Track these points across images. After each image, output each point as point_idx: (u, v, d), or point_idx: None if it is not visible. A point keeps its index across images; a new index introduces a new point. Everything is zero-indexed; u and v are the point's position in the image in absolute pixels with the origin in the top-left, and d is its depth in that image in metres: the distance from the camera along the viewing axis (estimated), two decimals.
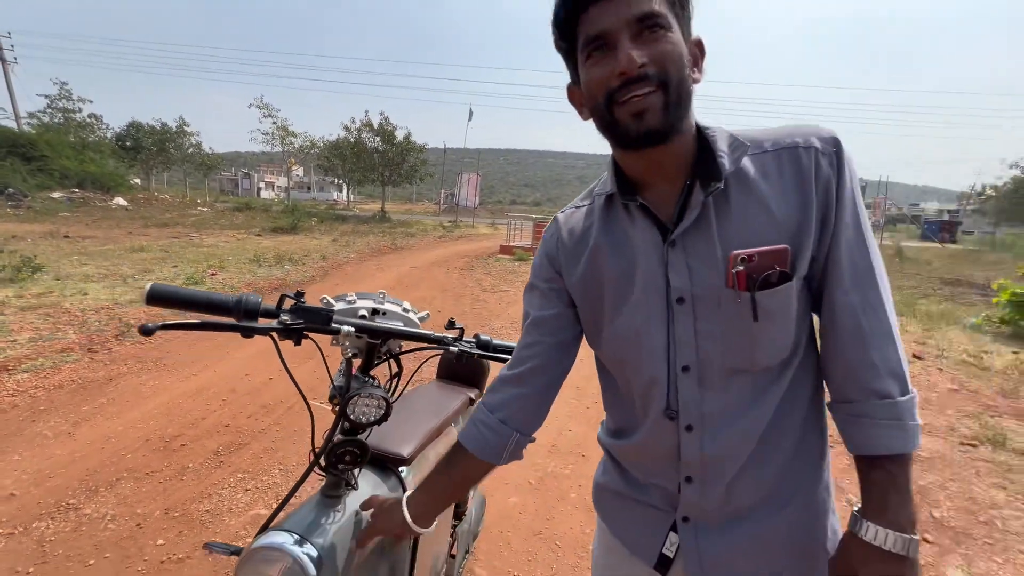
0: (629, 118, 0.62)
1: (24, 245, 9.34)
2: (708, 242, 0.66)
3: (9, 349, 4.05)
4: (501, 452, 0.80)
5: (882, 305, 0.66)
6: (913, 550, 0.62)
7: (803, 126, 0.68)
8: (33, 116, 27.34)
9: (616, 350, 0.76)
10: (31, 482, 2.37)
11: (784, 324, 0.67)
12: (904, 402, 0.64)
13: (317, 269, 9.15)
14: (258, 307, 0.78)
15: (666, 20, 0.62)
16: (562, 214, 0.82)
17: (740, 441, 0.69)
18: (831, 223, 0.66)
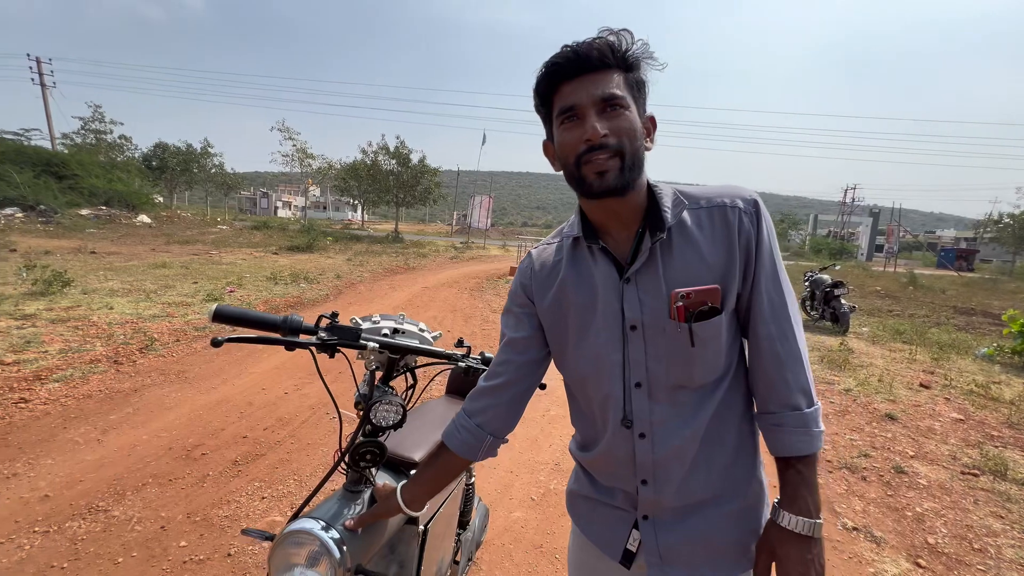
0: (593, 176, 0.77)
1: (54, 260, 9.73)
2: (655, 280, 0.81)
3: (41, 360, 4.27)
4: (477, 451, 0.94)
5: (793, 334, 0.81)
6: (817, 531, 0.78)
7: (732, 187, 0.85)
8: (67, 137, 28.62)
9: (579, 369, 0.89)
10: (64, 485, 2.52)
11: (715, 349, 0.82)
12: (810, 412, 0.80)
13: (331, 288, 9.38)
14: (300, 325, 0.94)
15: (625, 101, 0.77)
16: (535, 250, 0.96)
17: (685, 445, 0.83)
18: (752, 268, 0.82)
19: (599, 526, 0.96)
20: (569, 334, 0.90)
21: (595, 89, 0.76)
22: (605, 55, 0.76)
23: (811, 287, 8.99)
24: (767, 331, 0.81)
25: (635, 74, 0.80)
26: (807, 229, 55.01)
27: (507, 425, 0.96)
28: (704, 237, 0.81)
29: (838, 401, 4.48)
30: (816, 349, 6.60)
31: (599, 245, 0.85)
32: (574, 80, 0.76)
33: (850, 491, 2.88)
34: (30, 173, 19.29)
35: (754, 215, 0.81)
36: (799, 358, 0.81)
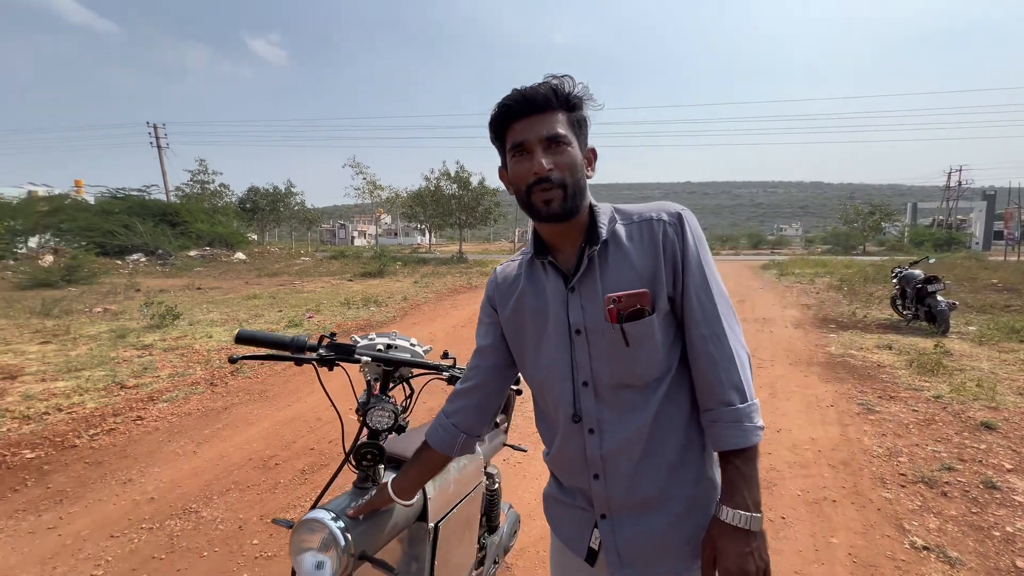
0: (541, 203, 0.87)
1: (168, 297, 11.21)
2: (594, 288, 0.90)
3: (155, 383, 4.98)
4: (453, 447, 1.06)
5: (725, 335, 0.87)
6: (755, 524, 0.82)
7: (661, 204, 0.94)
8: (178, 189, 32.92)
9: (537, 373, 0.98)
10: (166, 489, 2.95)
11: (650, 348, 0.88)
12: (743, 408, 0.85)
13: (398, 310, 9.95)
14: (304, 344, 1.12)
15: (567, 139, 0.87)
16: (500, 267, 1.07)
17: (630, 441, 0.90)
18: (680, 274, 0.89)
19: (566, 527, 1.03)
20: (527, 341, 0.99)
21: (541, 128, 0.86)
22: (549, 98, 0.86)
23: (901, 284, 8.16)
24: (699, 333, 0.88)
25: (577, 113, 0.90)
26: (904, 219, 49.54)
27: (479, 424, 1.07)
28: (634, 247, 0.90)
29: (922, 409, 4.05)
30: (904, 352, 5.98)
31: (548, 260, 0.95)
32: (523, 119, 0.87)
33: (925, 507, 2.62)
34: (151, 223, 22.38)
35: (678, 226, 0.90)
36: (731, 357, 0.86)
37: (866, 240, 40.04)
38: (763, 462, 3.21)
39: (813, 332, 7.50)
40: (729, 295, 0.92)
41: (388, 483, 1.10)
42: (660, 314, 0.88)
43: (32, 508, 2.77)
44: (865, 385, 4.79)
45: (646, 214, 0.92)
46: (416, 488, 1.12)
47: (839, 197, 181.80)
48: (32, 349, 6.41)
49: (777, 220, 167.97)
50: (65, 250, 18.69)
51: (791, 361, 5.77)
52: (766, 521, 2.50)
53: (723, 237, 70.85)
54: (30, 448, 3.50)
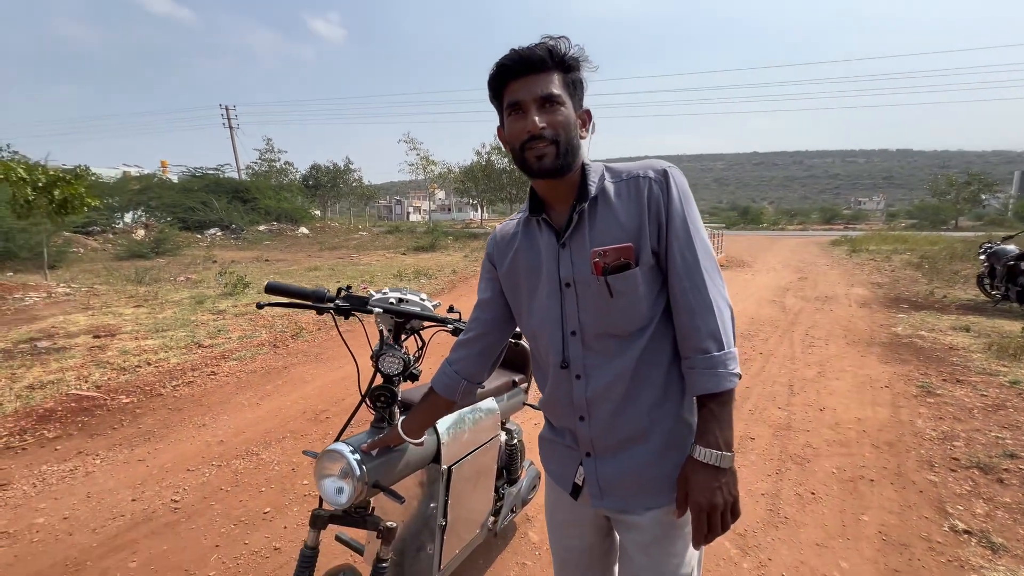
0: (534, 159, 0.91)
1: (239, 268, 12.16)
2: (583, 243, 0.95)
3: (227, 344, 5.51)
4: (455, 392, 1.15)
5: (705, 287, 0.91)
6: (725, 462, 0.88)
7: (649, 162, 0.97)
8: (248, 167, 35.10)
9: (532, 323, 1.05)
10: (232, 434, 3.33)
11: (633, 299, 0.93)
12: (719, 355, 0.89)
13: (447, 282, 10.25)
14: (324, 295, 1.26)
15: (562, 99, 0.90)
16: (500, 225, 1.14)
17: (612, 385, 0.96)
18: (664, 228, 0.93)
19: (555, 464, 1.12)
20: (523, 294, 1.06)
21: (536, 88, 0.89)
22: (545, 59, 0.89)
23: (989, 261, 7.38)
24: (681, 285, 0.92)
25: (572, 75, 0.93)
26: (1009, 191, 43.93)
27: (479, 372, 1.15)
28: (621, 204, 0.94)
29: (993, 395, 3.73)
30: (984, 335, 5.47)
31: (542, 217, 1.00)
32: (520, 79, 0.90)
33: (975, 492, 2.46)
34: (225, 199, 24.12)
35: (663, 183, 0.93)
36: (710, 307, 0.90)
37: (960, 214, 36.03)
38: (800, 439, 3.12)
39: (880, 312, 7.00)
40: (790, 271, 0.95)
41: (398, 423, 1.23)
42: (644, 267, 0.92)
43: (127, 443, 3.22)
44: (930, 368, 4.46)
45: (634, 171, 0.95)
46: (423, 429, 1.23)
47: (931, 166, 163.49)
48: (128, 312, 7.25)
49: (856, 193, 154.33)
50: (154, 225, 20.64)
51: (849, 341, 5.44)
52: (793, 494, 2.48)
53: (791, 211, 66.13)
54: (125, 394, 4.03)
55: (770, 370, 4.49)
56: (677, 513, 0.93)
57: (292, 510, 2.46)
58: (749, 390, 3.98)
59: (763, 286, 9.58)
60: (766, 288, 9.33)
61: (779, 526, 2.26)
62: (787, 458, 2.88)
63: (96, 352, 5.19)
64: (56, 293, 8.83)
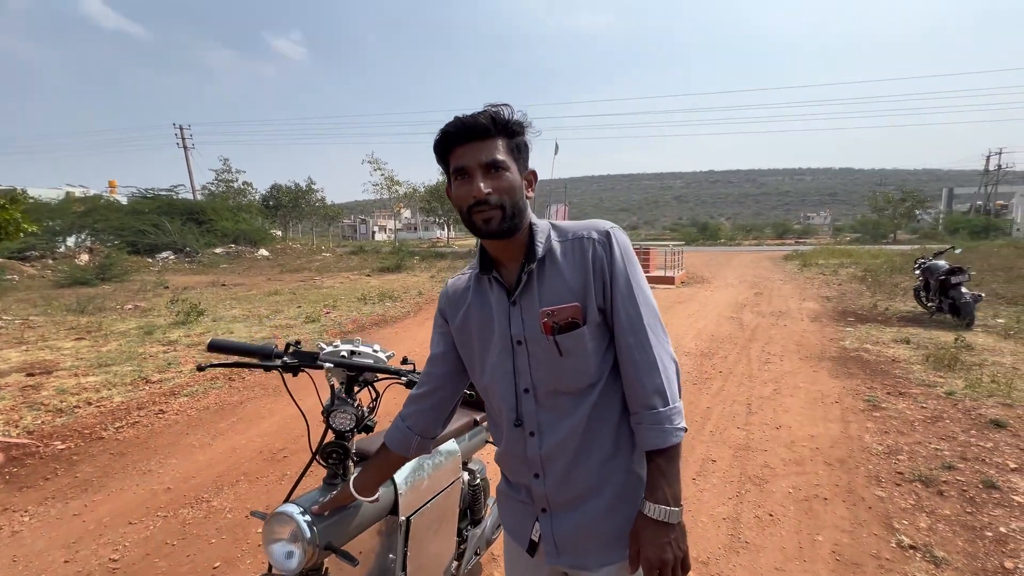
0: (481, 222, 0.93)
1: (193, 294, 11.64)
2: (532, 302, 0.97)
3: (177, 378, 5.23)
4: (408, 448, 1.13)
5: (648, 343, 0.94)
6: (674, 517, 0.89)
7: (592, 222, 1.00)
8: (204, 188, 33.93)
9: (484, 379, 1.05)
10: (181, 480, 3.13)
11: (582, 357, 0.95)
12: (664, 411, 0.92)
13: (413, 305, 10.11)
14: (271, 351, 1.21)
15: (507, 164, 0.93)
16: (451, 280, 1.14)
17: (566, 442, 0.97)
18: (608, 286, 0.96)
19: (511, 519, 1.11)
20: (475, 350, 1.06)
21: (480, 155, 0.91)
22: (488, 126, 0.91)
23: (924, 275, 7.91)
24: (626, 341, 0.94)
25: (516, 139, 0.95)
26: (939, 206, 47.56)
27: (433, 427, 1.14)
28: (567, 264, 0.96)
29: (932, 406, 3.97)
30: (922, 347, 5.84)
31: (493, 276, 1.01)
32: (464, 145, 0.92)
33: (919, 506, 2.59)
34: (178, 221, 23.18)
35: (606, 244, 0.96)
36: (655, 364, 0.93)
37: (897, 228, 38.63)
38: (758, 459, 3.22)
39: (830, 326, 7.36)
40: (746, 287, 0.98)
41: (350, 481, 1.19)
42: (591, 325, 0.94)
43: (60, 496, 2.98)
44: (875, 381, 4.71)
45: (578, 232, 0.98)
46: (376, 486, 1.20)
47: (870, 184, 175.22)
48: (67, 345, 6.79)
49: (804, 208, 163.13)
50: (99, 249, 19.53)
51: (802, 356, 5.69)
52: (753, 517, 2.54)
53: (746, 227, 69.30)
54: (61, 440, 3.75)
55: (729, 389, 4.62)
56: (630, 569, 0.93)
57: (244, 562, 2.32)
58: (710, 410, 4.09)
59: (721, 302, 9.92)
60: (724, 304, 9.67)
61: (740, 551, 2.30)
62: (746, 479, 2.96)
63: (29, 392, 4.82)
64: None
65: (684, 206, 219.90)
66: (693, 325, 7.69)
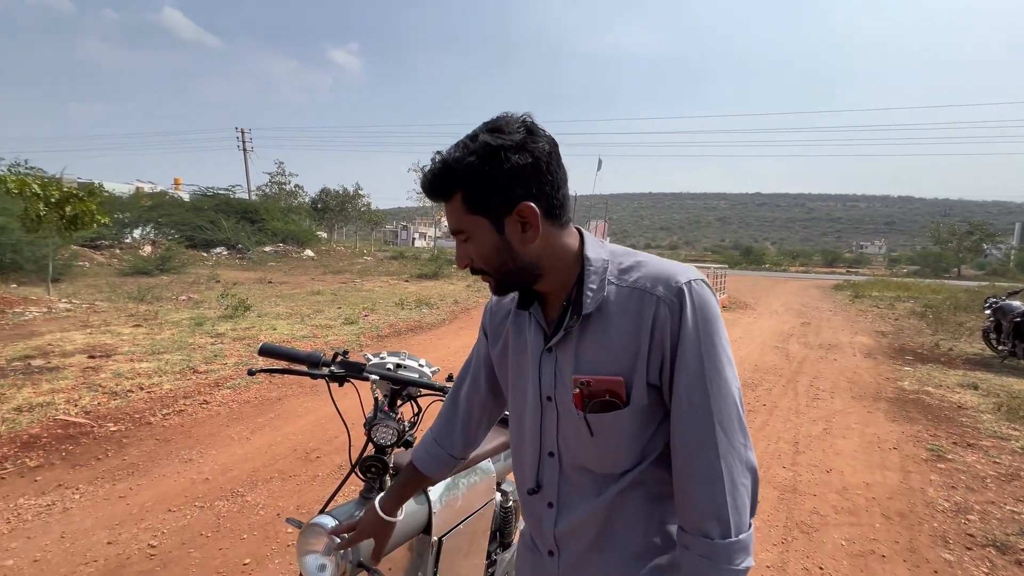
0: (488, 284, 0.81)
1: (242, 289, 12.17)
2: (569, 358, 0.78)
3: (222, 370, 5.44)
4: (435, 469, 1.05)
5: (715, 447, 0.71)
6: None
7: (667, 269, 0.76)
8: (259, 189, 35.70)
9: (514, 420, 0.92)
10: (219, 471, 3.22)
11: (618, 443, 0.77)
12: (722, 545, 0.70)
13: (448, 313, 10.20)
14: (319, 360, 1.21)
15: (467, 230, 0.75)
16: (493, 299, 0.98)
17: (584, 525, 0.81)
18: (668, 362, 0.73)
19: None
20: (509, 383, 0.93)
21: (450, 218, 0.76)
22: (438, 189, 0.75)
23: (995, 316, 7.33)
24: (683, 439, 0.73)
25: (480, 184, 0.72)
26: (1012, 241, 44.18)
27: (465, 448, 1.07)
28: (619, 320, 0.75)
29: (1007, 462, 3.61)
30: (993, 394, 5.36)
31: (531, 312, 0.85)
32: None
33: (994, 575, 2.34)
34: (233, 219, 24.41)
35: (676, 305, 0.72)
36: (718, 476, 0.70)
37: (961, 263, 36.12)
38: (806, 504, 3.00)
39: (885, 363, 6.89)
40: (792, 315, 0.80)
41: (376, 501, 1.14)
42: (635, 408, 0.75)
43: (109, 477, 3.12)
44: (939, 428, 4.34)
45: (642, 282, 0.75)
46: (400, 504, 1.12)
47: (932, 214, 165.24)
48: (126, 331, 7.21)
49: (857, 237, 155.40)
50: (161, 241, 20.81)
51: (854, 395, 5.33)
52: (801, 568, 2.37)
53: (793, 252, 66.62)
54: (114, 422, 3.94)
55: (774, 424, 4.37)
56: None
57: (273, 562, 2.34)
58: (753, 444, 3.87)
59: (766, 330, 9.50)
60: (769, 332, 9.25)
61: None
62: (793, 525, 2.76)
63: (89, 374, 5.12)
64: (57, 308, 8.81)
65: (727, 228, 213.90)
66: (735, 353, 7.36)
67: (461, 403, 1.04)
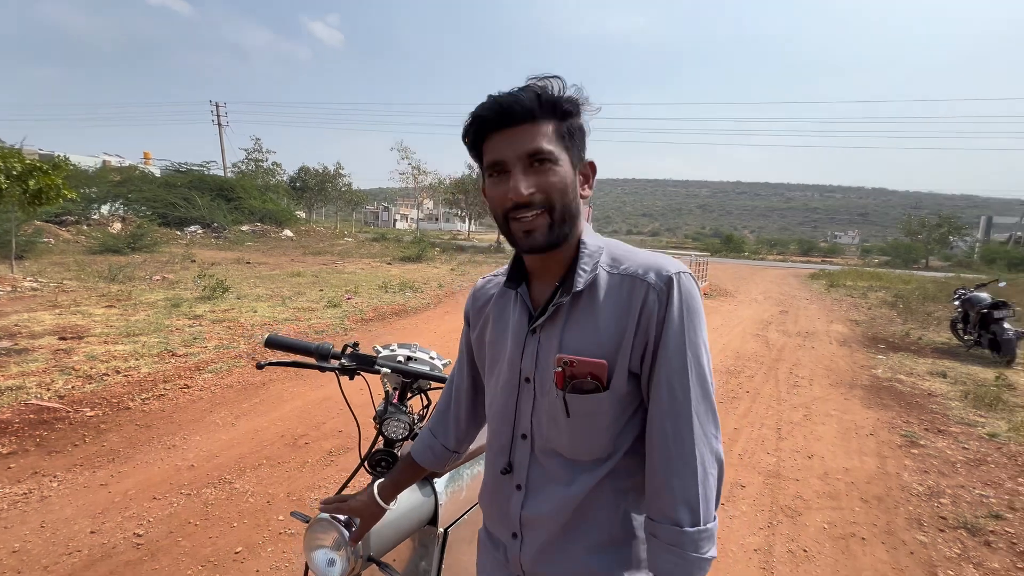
0: (521, 233, 0.74)
1: (219, 270, 11.83)
2: (553, 339, 0.78)
3: (202, 353, 5.30)
4: (433, 462, 1.03)
5: (691, 436, 0.72)
6: None
7: (657, 259, 0.77)
8: (235, 166, 34.52)
9: (489, 402, 0.91)
10: (204, 458, 3.15)
11: (594, 427, 0.76)
12: (691, 532, 0.70)
13: (433, 297, 10.11)
14: (329, 352, 1.17)
15: (555, 155, 0.73)
16: (480, 280, 0.98)
17: (553, 512, 0.80)
18: (651, 350, 0.74)
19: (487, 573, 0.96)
20: (484, 370, 0.92)
21: (520, 144, 0.72)
22: (531, 107, 0.72)
23: (963, 307, 7.62)
24: (661, 427, 0.73)
25: (569, 122, 0.75)
26: (977, 234, 45.92)
27: (461, 441, 1.05)
28: (608, 305, 0.76)
29: (974, 448, 3.78)
30: (960, 382, 5.60)
31: (517, 291, 0.85)
32: (501, 132, 0.73)
33: (964, 556, 2.46)
34: (208, 197, 23.60)
35: (664, 292, 0.73)
36: (692, 466, 0.71)
37: (930, 254, 37.42)
38: (790, 488, 3.10)
39: (860, 352, 7.13)
40: (771, 303, 0.80)
41: (375, 486, 1.08)
42: (614, 393, 0.75)
43: (88, 464, 3.02)
44: (911, 415, 4.52)
45: (634, 268, 0.76)
46: (396, 493, 1.09)
47: (903, 206, 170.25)
48: (98, 312, 6.94)
49: (832, 227, 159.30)
50: (132, 218, 20.02)
51: (831, 382, 5.50)
52: (786, 551, 2.44)
53: (771, 241, 67.99)
54: (90, 407, 3.81)
55: (757, 411, 4.49)
56: None
57: (266, 550, 2.31)
58: (738, 432, 3.97)
59: (746, 318, 9.70)
60: (749, 321, 9.45)
61: None
62: (778, 509, 2.85)
63: (61, 356, 4.93)
64: (22, 287, 8.44)
65: (708, 215, 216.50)
66: (717, 340, 7.52)
67: (452, 395, 1.03)
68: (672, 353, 0.73)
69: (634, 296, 0.74)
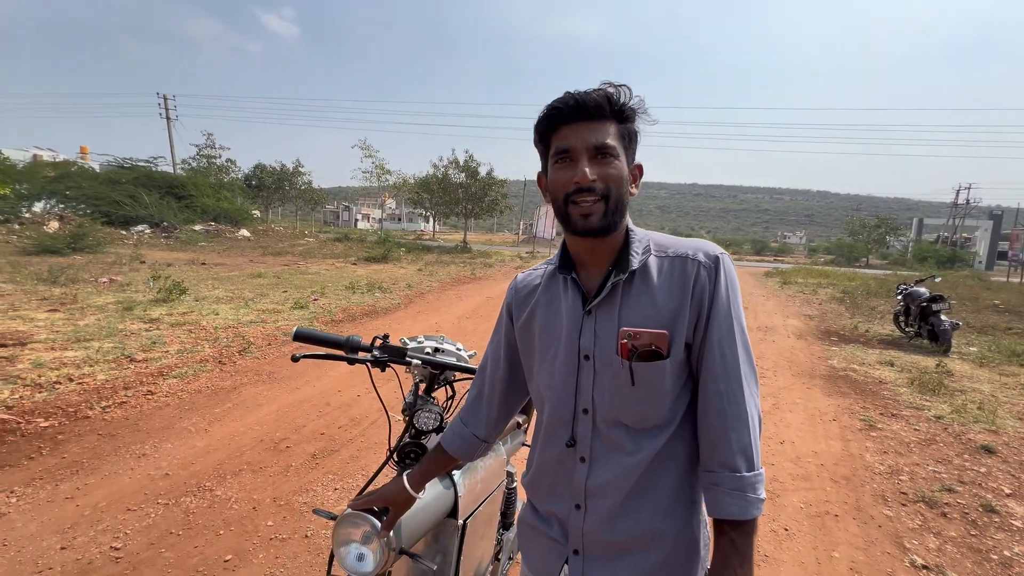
0: (578, 216, 0.84)
1: (173, 271, 11.22)
2: (611, 316, 0.86)
3: (164, 358, 5.02)
4: (465, 452, 1.07)
5: (743, 395, 0.82)
6: None
7: (702, 243, 0.89)
8: (185, 162, 32.75)
9: (540, 388, 0.96)
10: (179, 466, 3.00)
11: (657, 393, 0.85)
12: (749, 477, 0.80)
13: (403, 297, 9.97)
14: (359, 344, 1.16)
15: (616, 150, 0.84)
16: (522, 273, 1.04)
17: (619, 479, 0.87)
18: (703, 321, 0.84)
19: (537, 558, 0.99)
20: (535, 354, 0.97)
21: (589, 136, 0.82)
22: (602, 106, 0.82)
23: (905, 301, 8.21)
24: (716, 387, 0.83)
25: (628, 126, 0.86)
26: (910, 235, 49.53)
27: (492, 431, 1.07)
28: (662, 284, 0.85)
29: (924, 429, 4.10)
30: (907, 370, 6.04)
31: (571, 276, 0.91)
32: (572, 125, 0.83)
33: (925, 527, 2.67)
34: (156, 195, 22.29)
35: (713, 270, 0.84)
36: (745, 420, 0.81)
37: (870, 253, 40.07)
38: (767, 473, 3.26)
39: (815, 344, 7.55)
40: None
41: (404, 476, 1.09)
42: (674, 360, 0.84)
43: (49, 477, 2.81)
44: (867, 401, 4.84)
45: (682, 250, 0.87)
46: (424, 482, 1.11)
47: (845, 207, 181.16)
48: (40, 316, 6.44)
49: (781, 227, 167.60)
50: (71, 217, 18.65)
51: (794, 372, 5.82)
52: (768, 531, 2.56)
53: (727, 241, 70.92)
54: (43, 417, 3.54)
55: None
56: None
57: (258, 557, 2.23)
58: None
59: None
60: None
61: (760, 564, 2.33)
62: None
63: (3, 364, 4.55)
64: None
65: (667, 216, 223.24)
66: None
67: (485, 384, 1.06)
68: (722, 322, 0.83)
69: (688, 272, 0.85)
